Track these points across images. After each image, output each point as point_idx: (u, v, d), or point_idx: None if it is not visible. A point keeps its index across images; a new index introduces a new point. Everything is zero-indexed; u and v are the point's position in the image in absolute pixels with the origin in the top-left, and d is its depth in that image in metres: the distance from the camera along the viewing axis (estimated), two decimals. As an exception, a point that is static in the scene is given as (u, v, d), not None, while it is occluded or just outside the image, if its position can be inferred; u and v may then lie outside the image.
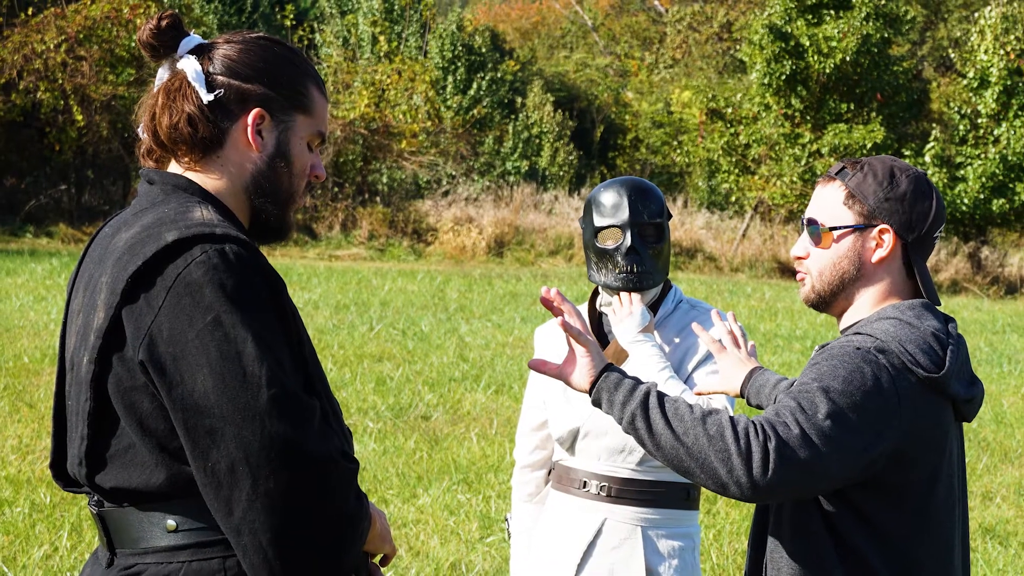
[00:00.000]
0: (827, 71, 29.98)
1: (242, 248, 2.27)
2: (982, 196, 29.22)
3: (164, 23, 2.45)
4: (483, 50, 39.94)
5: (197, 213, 2.33)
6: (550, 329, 3.88)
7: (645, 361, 3.57)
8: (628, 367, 3.59)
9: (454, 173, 32.58)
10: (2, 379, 10.87)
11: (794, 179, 30.14)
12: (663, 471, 3.65)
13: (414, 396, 11.16)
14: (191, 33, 2.49)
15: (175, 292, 2.21)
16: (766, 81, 30.41)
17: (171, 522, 2.29)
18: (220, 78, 2.43)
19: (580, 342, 2.72)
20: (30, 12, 27.47)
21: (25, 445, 8.73)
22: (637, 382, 2.66)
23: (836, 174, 2.83)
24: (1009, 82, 29.60)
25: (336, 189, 29.60)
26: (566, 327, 2.71)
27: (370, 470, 8.59)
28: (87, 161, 28.50)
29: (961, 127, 30.42)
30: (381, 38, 34.81)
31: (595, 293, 3.88)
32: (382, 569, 2.54)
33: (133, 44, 26.80)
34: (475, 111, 36.34)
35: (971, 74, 30.29)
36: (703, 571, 6.71)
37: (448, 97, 37.73)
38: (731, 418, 2.56)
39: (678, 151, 36.02)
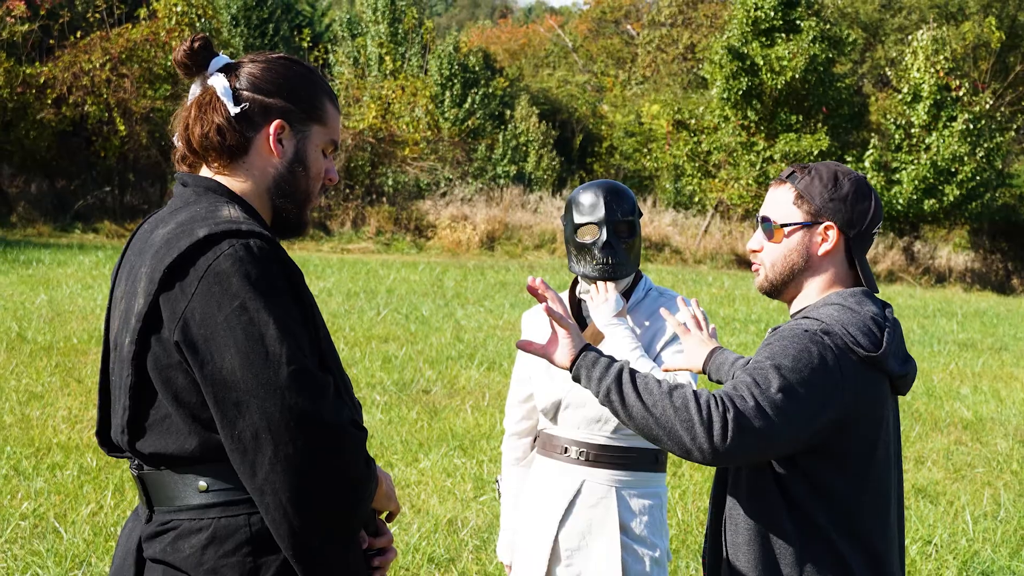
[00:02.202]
0: (779, 87, 29.97)
1: (265, 243, 2.26)
2: (915, 197, 29.26)
3: (196, 45, 2.44)
4: (476, 68, 39.82)
5: (225, 212, 2.32)
6: (536, 313, 3.88)
7: (619, 342, 3.56)
8: (604, 347, 3.59)
9: (451, 176, 32.50)
10: (54, 357, 10.85)
11: (750, 182, 30.14)
12: (635, 438, 3.65)
13: (416, 373, 11.15)
14: (220, 53, 2.48)
15: (206, 281, 2.21)
16: (725, 96, 30.39)
17: (202, 483, 2.29)
18: (245, 93, 2.42)
19: (562, 325, 2.72)
20: (78, 35, 27.41)
21: (74, 415, 8.72)
22: (612, 360, 2.66)
23: (787, 177, 2.83)
24: (939, 96, 29.63)
25: (347, 191, 29.52)
26: (549, 312, 2.71)
27: (377, 438, 8.59)
28: (129, 166, 28.39)
29: (896, 136, 30.43)
30: (387, 58, 34.74)
31: (575, 282, 3.87)
32: (388, 524, 2.53)
33: (169, 63, 26.74)
34: (469, 122, 36.27)
35: (905, 89, 30.33)
36: (670, 526, 6.72)
37: (446, 110, 37.60)
38: (694, 392, 2.55)
39: (648, 157, 35.98)
